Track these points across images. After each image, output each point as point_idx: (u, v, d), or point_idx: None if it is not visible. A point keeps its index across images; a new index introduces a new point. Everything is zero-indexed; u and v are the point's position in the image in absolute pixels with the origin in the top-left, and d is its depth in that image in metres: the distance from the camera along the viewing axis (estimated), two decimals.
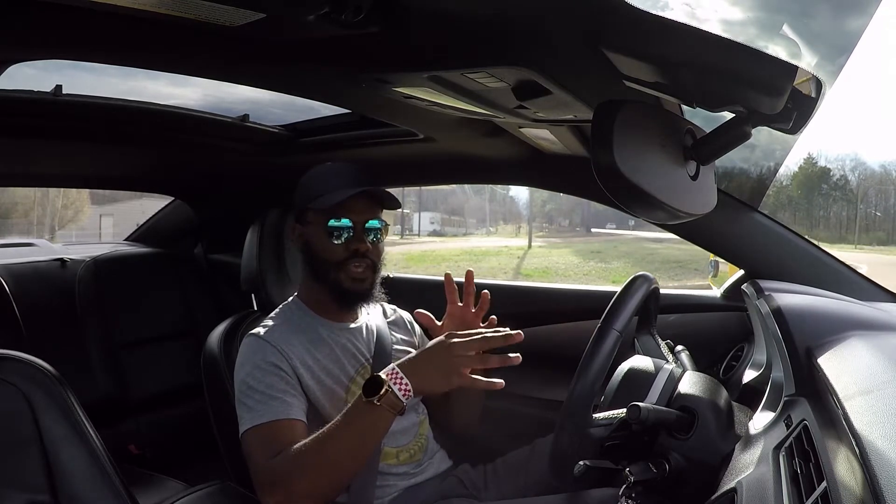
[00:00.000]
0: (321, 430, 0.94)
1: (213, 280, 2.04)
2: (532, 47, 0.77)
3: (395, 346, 1.20)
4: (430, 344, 0.95)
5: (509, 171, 1.55)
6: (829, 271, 1.24)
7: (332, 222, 1.08)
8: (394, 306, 1.30)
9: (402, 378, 0.91)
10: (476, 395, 1.21)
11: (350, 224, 1.09)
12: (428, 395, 0.94)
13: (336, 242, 1.09)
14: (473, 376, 0.92)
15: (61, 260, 1.79)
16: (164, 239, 2.14)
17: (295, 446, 0.94)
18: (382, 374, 0.92)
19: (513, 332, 0.93)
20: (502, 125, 1.19)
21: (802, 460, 0.65)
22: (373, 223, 1.11)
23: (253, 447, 0.99)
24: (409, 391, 0.91)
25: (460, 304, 1.15)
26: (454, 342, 0.92)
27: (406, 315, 1.30)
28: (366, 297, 1.13)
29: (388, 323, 1.24)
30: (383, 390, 0.89)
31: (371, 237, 1.11)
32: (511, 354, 0.91)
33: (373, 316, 1.22)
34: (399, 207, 1.16)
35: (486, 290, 1.14)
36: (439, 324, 1.13)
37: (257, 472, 0.97)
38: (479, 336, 0.93)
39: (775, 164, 1.39)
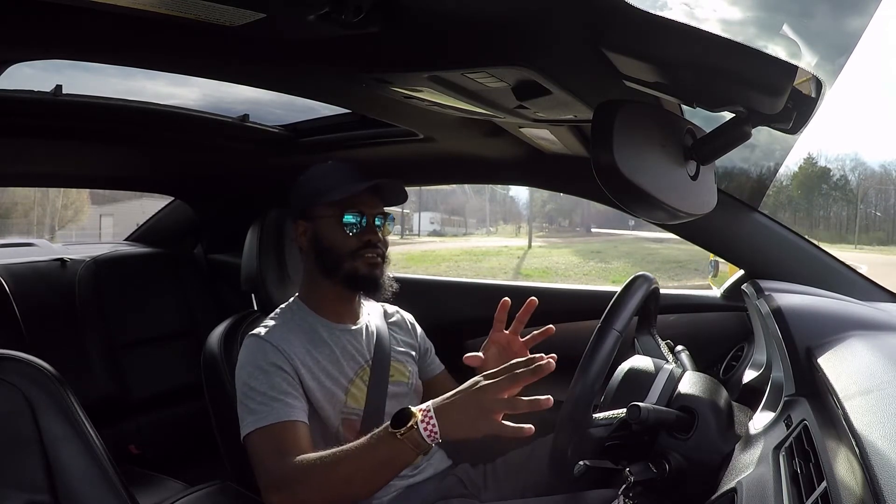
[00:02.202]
0: (340, 448, 0.91)
1: (213, 280, 2.04)
2: (532, 47, 0.77)
3: (396, 348, 1.20)
4: (464, 387, 0.87)
5: (509, 171, 1.55)
6: (829, 271, 1.24)
7: (347, 215, 1.10)
8: (396, 307, 1.30)
9: (432, 419, 0.84)
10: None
11: (363, 216, 1.12)
12: (454, 439, 0.87)
13: (350, 234, 1.11)
14: (502, 422, 0.83)
15: (61, 260, 1.79)
16: (164, 239, 2.14)
17: (308, 456, 0.93)
18: (415, 410, 0.86)
19: (542, 361, 0.84)
20: (502, 125, 1.19)
21: (802, 460, 0.65)
22: (380, 219, 1.14)
23: (258, 450, 0.99)
24: (437, 434, 0.84)
25: (506, 331, 1.12)
26: (485, 384, 0.85)
27: (408, 316, 1.30)
28: (379, 283, 1.14)
29: (390, 324, 1.24)
30: (409, 425, 0.84)
31: (379, 230, 1.14)
32: (542, 397, 0.82)
33: (373, 317, 1.22)
34: (404, 201, 1.18)
35: (533, 298, 1.10)
36: (483, 357, 1.10)
37: (263, 474, 0.97)
38: (509, 375, 0.84)
39: (775, 164, 1.39)
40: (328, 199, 1.11)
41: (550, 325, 1.08)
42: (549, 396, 0.82)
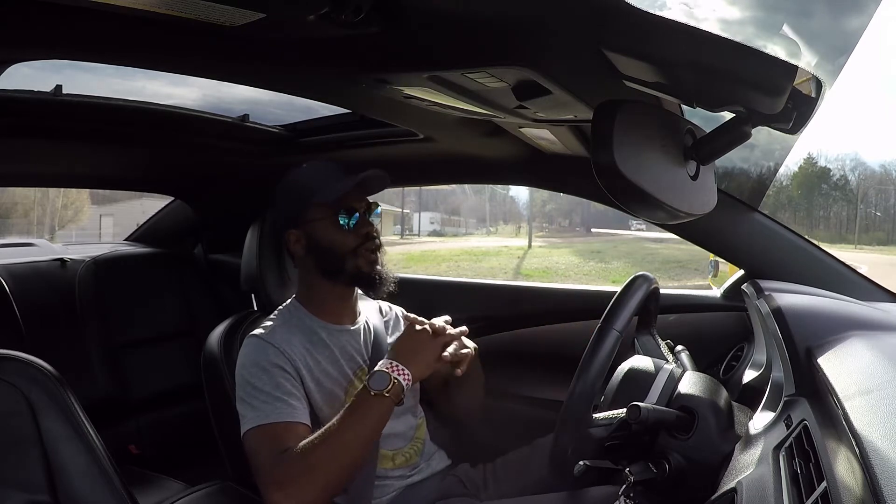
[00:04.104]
0: (328, 426, 0.96)
1: (213, 280, 2.04)
2: (532, 47, 0.77)
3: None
4: (406, 335, 1.05)
5: (509, 171, 1.55)
6: (829, 271, 1.24)
7: (341, 213, 1.11)
8: (389, 304, 1.30)
9: (402, 368, 0.99)
10: (475, 382, 1.21)
11: (355, 211, 1.12)
12: (422, 379, 1.05)
13: (347, 231, 1.11)
14: (453, 353, 1.04)
15: (61, 260, 1.79)
16: (164, 239, 2.14)
17: (302, 443, 0.96)
18: (384, 368, 0.99)
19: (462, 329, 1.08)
20: (502, 125, 1.19)
21: (802, 460, 0.65)
22: (369, 209, 1.15)
23: (257, 446, 0.99)
24: (409, 378, 0.99)
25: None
26: (426, 331, 1.04)
27: (401, 311, 1.30)
28: (383, 279, 1.14)
29: (385, 322, 1.24)
30: (391, 384, 0.97)
31: (370, 221, 1.15)
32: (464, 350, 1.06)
33: (371, 317, 1.22)
34: (387, 186, 1.17)
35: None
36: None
37: (262, 472, 0.97)
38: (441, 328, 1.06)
39: (775, 164, 1.39)
40: (318, 201, 1.10)
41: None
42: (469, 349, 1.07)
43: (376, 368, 1.00)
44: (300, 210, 1.13)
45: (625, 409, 0.86)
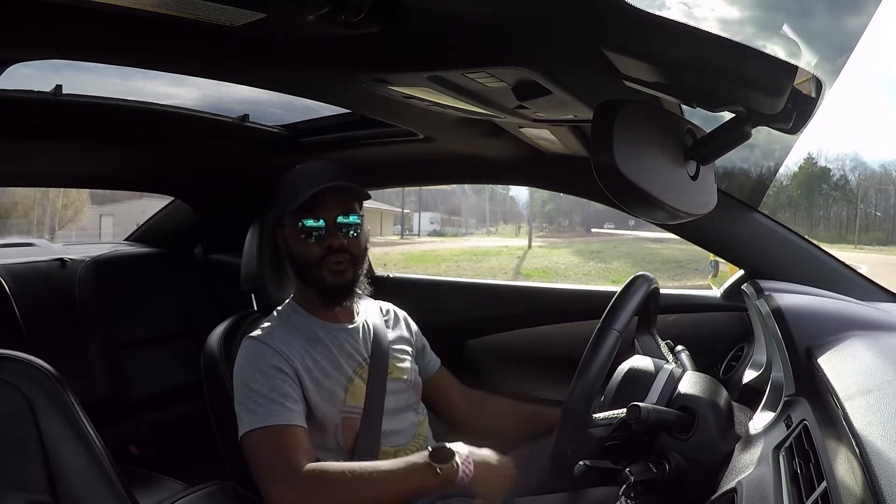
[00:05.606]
0: (368, 465, 0.94)
1: (213, 280, 2.03)
2: (532, 47, 0.77)
3: (393, 346, 1.20)
4: (499, 460, 0.98)
5: (509, 171, 1.56)
6: (829, 271, 1.24)
7: (302, 223, 1.08)
8: (390, 305, 1.30)
9: (470, 463, 0.93)
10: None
11: (322, 222, 1.08)
12: (477, 488, 0.96)
13: (310, 242, 1.09)
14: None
15: (61, 260, 1.79)
16: (164, 239, 2.13)
17: (332, 465, 0.95)
18: (455, 449, 0.93)
19: None
20: (502, 125, 1.19)
21: (802, 460, 0.65)
22: (343, 219, 1.10)
23: (255, 449, 0.99)
24: (470, 476, 0.92)
25: None
26: (512, 473, 0.98)
27: (402, 313, 1.30)
28: (349, 289, 1.13)
29: (385, 321, 1.24)
30: (451, 464, 0.91)
31: (346, 232, 1.10)
32: None
33: (370, 316, 1.22)
34: (368, 198, 1.15)
35: None
36: None
37: (262, 473, 0.97)
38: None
39: (775, 164, 1.39)
40: (288, 208, 1.09)
41: None
42: None
43: (450, 444, 0.94)
44: (279, 212, 1.13)
45: (625, 409, 0.86)
